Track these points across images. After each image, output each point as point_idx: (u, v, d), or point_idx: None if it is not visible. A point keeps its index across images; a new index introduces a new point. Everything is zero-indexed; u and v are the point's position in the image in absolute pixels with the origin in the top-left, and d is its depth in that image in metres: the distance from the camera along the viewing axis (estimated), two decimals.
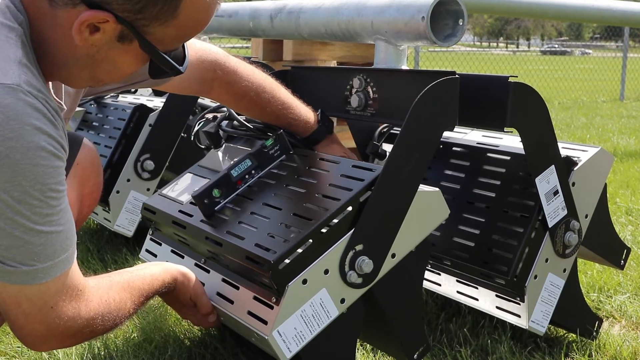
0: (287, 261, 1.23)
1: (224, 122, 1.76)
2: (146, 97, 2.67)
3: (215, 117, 1.80)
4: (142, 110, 2.36)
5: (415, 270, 1.40)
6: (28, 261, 0.98)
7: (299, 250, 1.25)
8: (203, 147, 1.86)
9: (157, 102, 2.45)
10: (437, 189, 1.39)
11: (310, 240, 1.25)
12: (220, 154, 1.72)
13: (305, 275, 1.24)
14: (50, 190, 0.97)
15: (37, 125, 0.94)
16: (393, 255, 1.34)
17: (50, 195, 0.97)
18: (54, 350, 1.69)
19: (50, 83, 1.12)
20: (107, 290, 1.17)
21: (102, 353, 1.68)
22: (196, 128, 1.79)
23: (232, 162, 1.52)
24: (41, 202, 0.96)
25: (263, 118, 1.62)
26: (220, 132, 1.74)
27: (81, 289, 1.10)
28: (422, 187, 1.37)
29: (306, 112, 1.62)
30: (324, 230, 1.27)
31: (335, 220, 1.28)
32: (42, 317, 1.04)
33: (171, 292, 1.38)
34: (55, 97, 1.11)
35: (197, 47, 1.48)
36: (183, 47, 1.12)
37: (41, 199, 0.96)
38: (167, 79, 1.43)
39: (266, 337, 1.23)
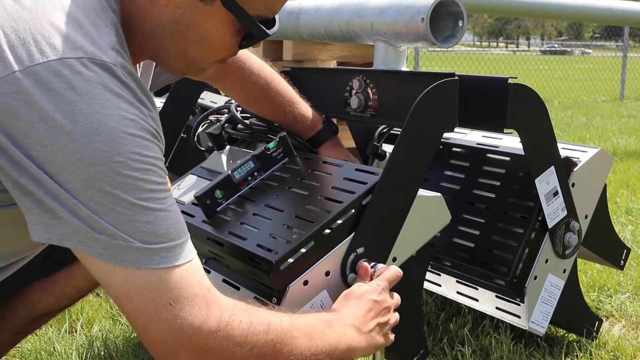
0: (288, 262, 1.24)
1: (227, 125, 1.76)
2: None
3: (218, 119, 1.80)
4: None
5: (416, 275, 1.41)
6: (136, 236, 0.88)
7: (301, 251, 1.25)
8: (204, 149, 1.86)
9: (157, 103, 2.45)
10: (438, 194, 1.39)
11: (312, 242, 1.25)
12: (223, 155, 1.72)
13: (306, 277, 1.25)
14: (150, 164, 0.90)
15: (132, 101, 0.91)
16: (394, 259, 1.34)
17: (150, 168, 0.90)
18: (55, 349, 1.69)
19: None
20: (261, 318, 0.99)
21: (102, 353, 1.69)
22: (199, 130, 1.79)
23: (235, 164, 1.53)
24: (142, 174, 0.89)
25: (270, 112, 1.62)
26: (223, 134, 1.75)
27: (210, 290, 0.95)
28: (424, 192, 1.37)
29: (311, 112, 1.63)
30: (326, 232, 1.27)
31: (337, 223, 1.28)
32: (161, 314, 0.90)
33: None
34: None
35: None
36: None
37: (141, 169, 0.89)
38: None
39: None
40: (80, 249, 0.89)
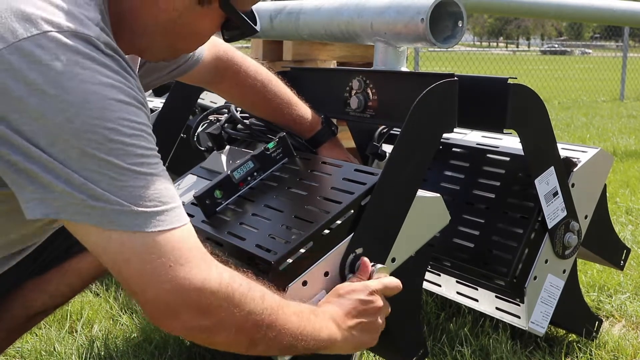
0: (287, 262, 1.24)
1: (227, 125, 1.76)
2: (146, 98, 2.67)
3: (218, 119, 1.80)
4: None
5: (415, 275, 1.41)
6: (131, 200, 0.89)
7: (300, 252, 1.25)
8: (203, 149, 1.86)
9: (157, 103, 2.45)
10: (437, 194, 1.39)
11: (311, 243, 1.25)
12: (222, 156, 1.72)
13: (305, 277, 1.25)
14: (139, 130, 0.92)
15: (118, 69, 0.93)
16: (393, 260, 1.34)
17: (140, 134, 0.92)
18: (55, 349, 1.69)
19: None
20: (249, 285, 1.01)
21: (102, 353, 1.69)
22: (199, 130, 1.79)
23: (234, 164, 1.53)
24: (132, 139, 0.90)
25: (268, 114, 1.63)
26: (223, 134, 1.75)
27: (206, 254, 0.96)
28: (423, 193, 1.37)
29: (310, 112, 1.63)
30: (325, 233, 1.27)
31: (337, 223, 1.28)
32: (160, 276, 0.90)
33: None
34: None
35: None
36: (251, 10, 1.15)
37: (131, 134, 0.90)
38: (194, 67, 1.46)
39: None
40: (77, 220, 0.89)
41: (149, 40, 1.08)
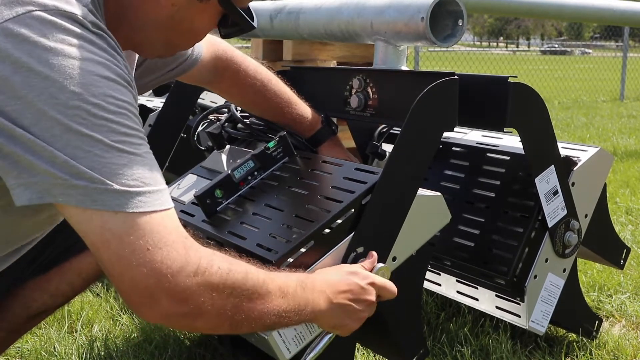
0: (288, 261, 1.24)
1: (227, 124, 1.76)
2: (146, 97, 2.67)
3: (218, 119, 1.80)
4: (141, 111, 2.36)
5: (416, 274, 1.41)
6: (114, 179, 0.88)
7: (301, 251, 1.25)
8: (203, 148, 1.86)
9: (157, 102, 2.45)
10: (438, 193, 1.39)
11: (312, 241, 1.25)
12: (223, 155, 1.72)
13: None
14: (124, 108, 0.91)
15: (105, 47, 0.93)
16: (394, 259, 1.34)
17: (124, 112, 0.91)
18: (55, 349, 1.69)
19: None
20: (228, 259, 1.00)
21: (102, 353, 1.69)
22: (199, 129, 1.79)
23: (234, 164, 1.52)
24: (116, 117, 0.89)
25: (268, 113, 1.63)
26: (223, 134, 1.75)
27: (187, 238, 0.95)
28: (424, 192, 1.37)
29: (310, 112, 1.63)
30: (325, 232, 1.27)
31: (337, 222, 1.28)
32: (138, 259, 0.88)
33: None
34: None
35: (208, 36, 1.51)
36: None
37: (115, 112, 0.90)
38: (194, 66, 1.47)
39: (266, 338, 1.23)
40: (60, 201, 0.89)
41: (146, 36, 1.08)
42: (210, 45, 1.51)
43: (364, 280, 1.20)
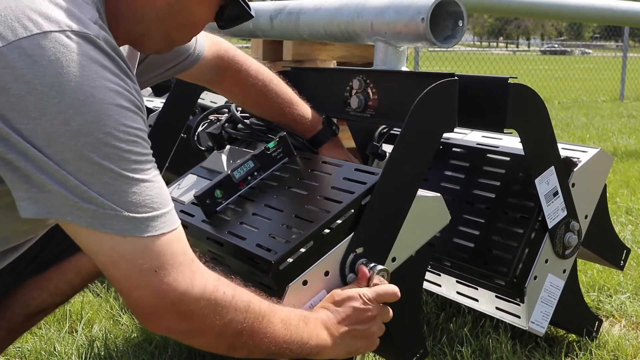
0: (288, 262, 1.24)
1: (227, 124, 1.76)
2: (146, 98, 2.67)
3: (218, 119, 1.80)
4: None
5: (415, 275, 1.41)
6: (123, 205, 0.91)
7: (300, 251, 1.25)
8: (203, 148, 1.86)
9: (157, 103, 2.45)
10: (438, 194, 1.39)
11: (312, 242, 1.25)
12: (223, 155, 1.72)
13: (305, 277, 1.24)
14: (135, 135, 0.93)
15: (117, 72, 0.94)
16: (393, 259, 1.34)
17: (135, 140, 0.93)
18: (55, 349, 1.69)
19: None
20: (233, 288, 1.03)
21: (102, 353, 1.69)
22: (199, 129, 1.79)
23: (234, 164, 1.53)
24: (127, 145, 0.91)
25: (269, 113, 1.63)
26: (223, 134, 1.75)
27: (194, 260, 0.98)
28: (424, 192, 1.37)
29: (311, 112, 1.63)
30: (325, 232, 1.27)
31: (337, 223, 1.28)
32: (146, 280, 0.93)
33: None
34: None
35: (210, 35, 1.51)
36: None
37: (127, 140, 0.91)
38: (195, 64, 1.47)
39: None
40: (68, 220, 0.91)
41: (146, 28, 1.08)
42: (212, 44, 1.51)
43: (357, 302, 1.21)
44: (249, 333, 1.03)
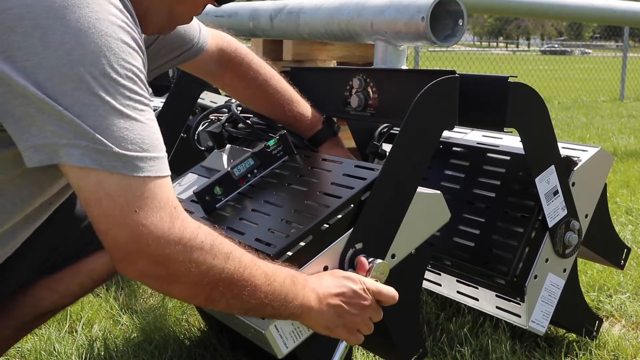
0: (287, 255, 1.24)
1: (227, 123, 1.76)
2: None
3: (218, 118, 1.80)
4: None
5: (415, 273, 1.40)
6: (114, 141, 0.91)
7: (300, 245, 1.25)
8: (203, 148, 1.85)
9: (157, 102, 2.45)
10: (438, 191, 1.39)
11: (311, 236, 1.25)
12: (223, 154, 1.72)
13: (304, 271, 1.24)
14: (133, 73, 0.93)
15: (123, 10, 0.95)
16: (393, 256, 1.34)
17: (133, 77, 0.93)
18: (55, 349, 1.69)
19: None
20: (215, 236, 1.02)
21: (102, 353, 1.69)
22: (199, 129, 1.78)
23: (234, 161, 1.52)
24: (125, 81, 0.92)
25: (269, 110, 1.62)
26: (224, 133, 1.74)
27: (177, 208, 0.97)
28: (424, 190, 1.37)
29: (311, 111, 1.63)
30: (324, 227, 1.27)
31: (336, 218, 1.28)
32: (124, 219, 0.91)
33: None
34: None
35: (213, 29, 1.53)
36: None
37: (125, 76, 0.92)
38: (198, 55, 1.48)
39: (263, 332, 1.22)
40: (64, 161, 0.91)
41: (150, 2, 1.09)
42: (216, 37, 1.52)
43: (358, 285, 1.20)
44: (226, 284, 1.01)
